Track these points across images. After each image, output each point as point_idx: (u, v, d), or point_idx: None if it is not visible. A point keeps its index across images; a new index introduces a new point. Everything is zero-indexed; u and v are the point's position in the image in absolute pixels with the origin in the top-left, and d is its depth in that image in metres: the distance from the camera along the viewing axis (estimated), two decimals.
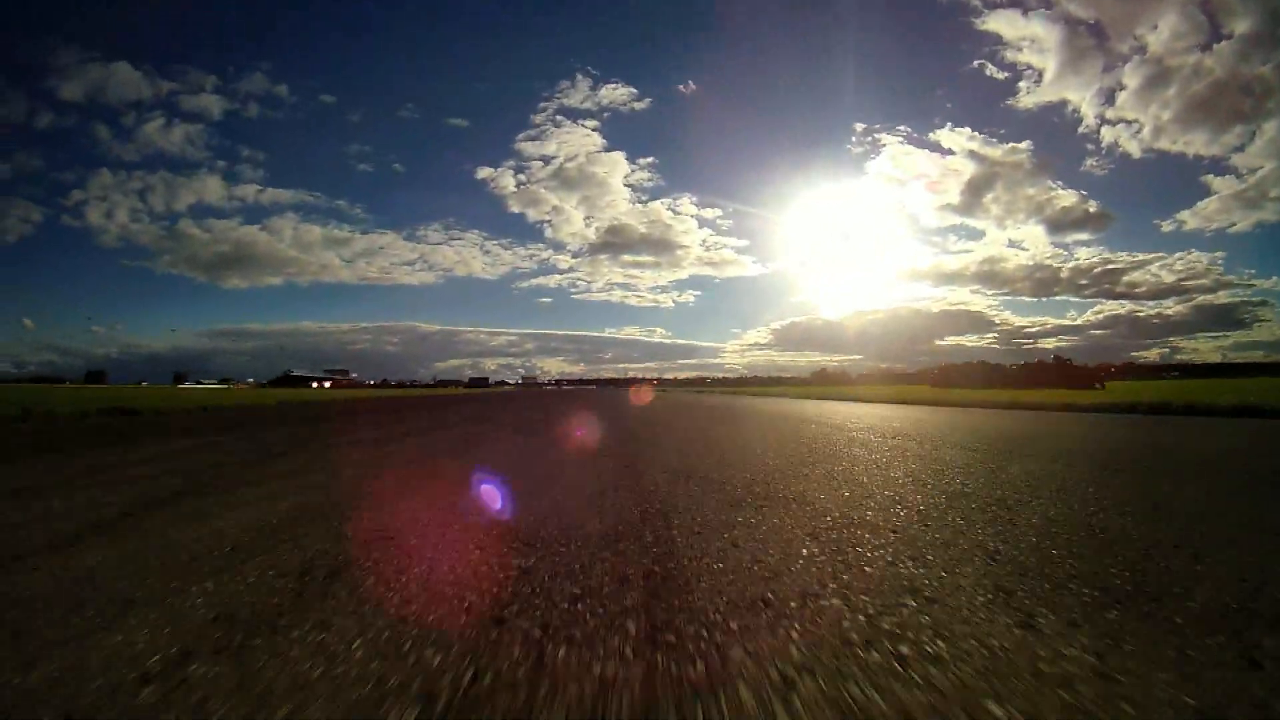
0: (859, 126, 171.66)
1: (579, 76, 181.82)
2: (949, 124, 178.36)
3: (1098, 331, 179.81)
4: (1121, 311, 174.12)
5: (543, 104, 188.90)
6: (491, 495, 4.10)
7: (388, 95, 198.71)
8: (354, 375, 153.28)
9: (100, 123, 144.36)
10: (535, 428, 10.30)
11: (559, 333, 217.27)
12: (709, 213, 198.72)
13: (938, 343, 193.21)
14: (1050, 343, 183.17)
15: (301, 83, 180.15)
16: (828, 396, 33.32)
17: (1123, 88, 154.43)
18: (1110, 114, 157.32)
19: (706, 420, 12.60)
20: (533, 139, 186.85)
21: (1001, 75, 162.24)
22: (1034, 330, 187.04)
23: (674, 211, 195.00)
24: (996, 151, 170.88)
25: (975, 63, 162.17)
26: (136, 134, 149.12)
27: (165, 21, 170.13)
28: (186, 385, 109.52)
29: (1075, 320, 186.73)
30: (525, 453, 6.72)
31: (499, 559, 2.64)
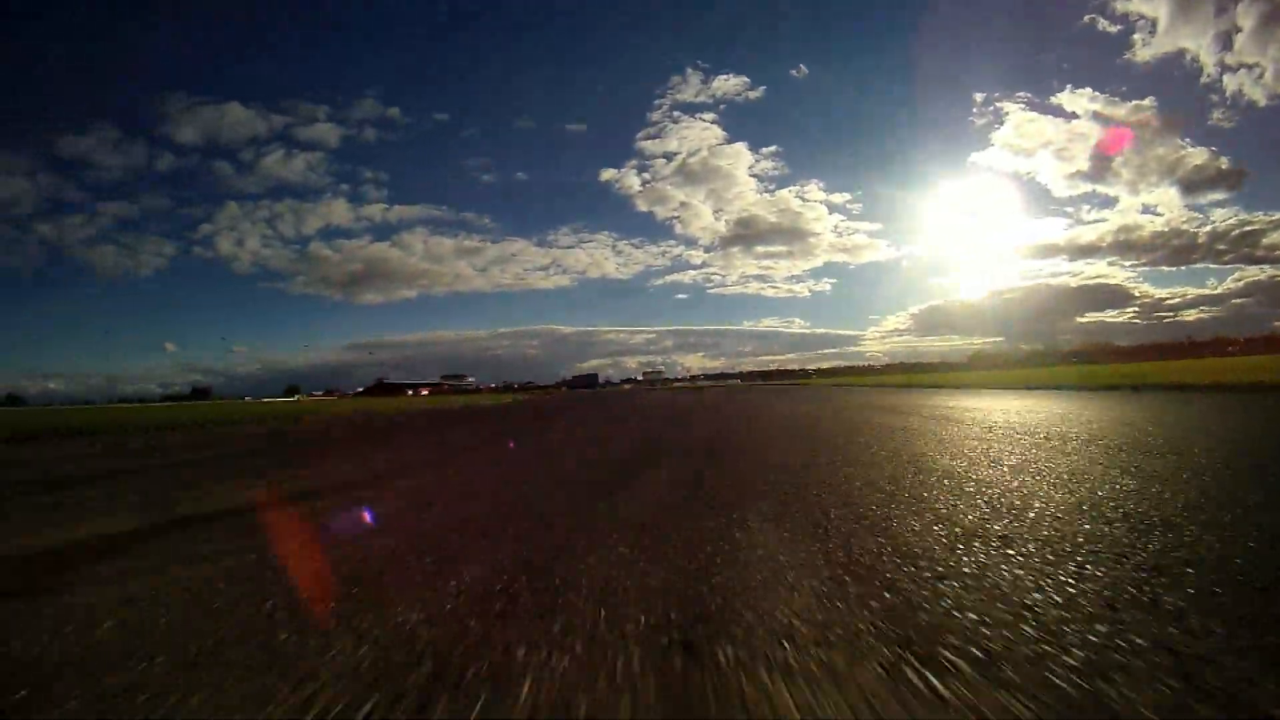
0: (978, 96, 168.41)
1: (689, 71, 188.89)
2: (1068, 86, 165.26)
3: (1239, 300, 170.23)
4: (1262, 277, 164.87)
5: (658, 101, 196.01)
6: None
7: (501, 108, 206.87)
8: (471, 379, 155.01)
9: (220, 160, 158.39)
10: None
11: (697, 328, 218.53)
12: (837, 197, 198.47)
13: (1078, 320, 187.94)
14: (1191, 315, 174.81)
15: (412, 104, 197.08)
16: (1006, 386, 27.82)
17: (1239, 30, 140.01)
18: (1230, 59, 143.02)
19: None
20: (652, 137, 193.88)
21: (1114, 29, 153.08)
22: (1174, 302, 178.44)
23: (802, 199, 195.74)
24: (1120, 110, 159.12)
25: (1085, 18, 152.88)
26: (257, 167, 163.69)
27: (266, 61, 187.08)
28: (297, 398, 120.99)
29: (1215, 289, 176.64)
30: None
31: None
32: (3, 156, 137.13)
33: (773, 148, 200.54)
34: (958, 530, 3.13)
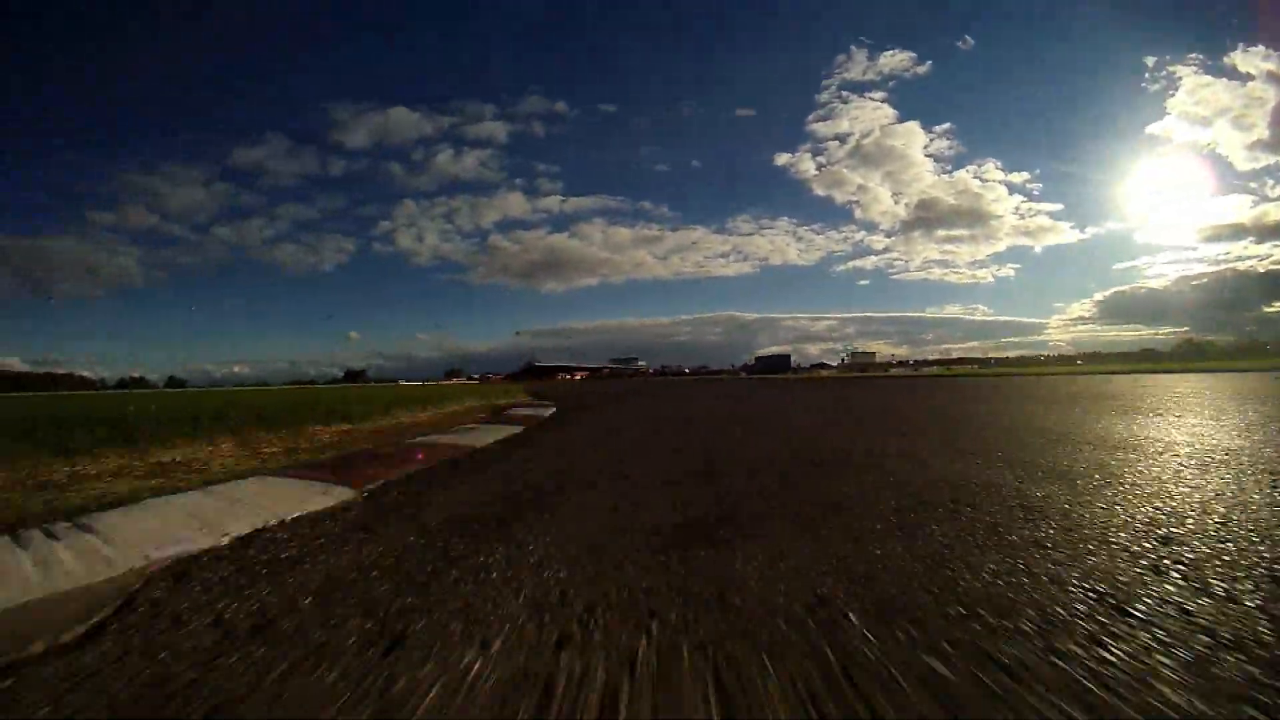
0: (1149, 60, 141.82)
1: (853, 48, 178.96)
2: (1240, 44, 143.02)
3: None
4: None
5: (825, 81, 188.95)
6: None
7: (667, 96, 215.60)
8: (641, 364, 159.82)
9: (391, 161, 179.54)
10: None
11: (879, 315, 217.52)
12: (1016, 177, 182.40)
13: (1265, 309, 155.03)
14: None
15: (578, 97, 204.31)
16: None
17: None
18: None
19: None
20: (823, 119, 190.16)
21: None
22: None
23: (980, 179, 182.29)
24: None
25: None
26: (429, 166, 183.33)
27: (426, 65, 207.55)
28: (455, 381, 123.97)
29: None
30: None
31: None
32: (179, 169, 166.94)
33: (945, 125, 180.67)
34: None
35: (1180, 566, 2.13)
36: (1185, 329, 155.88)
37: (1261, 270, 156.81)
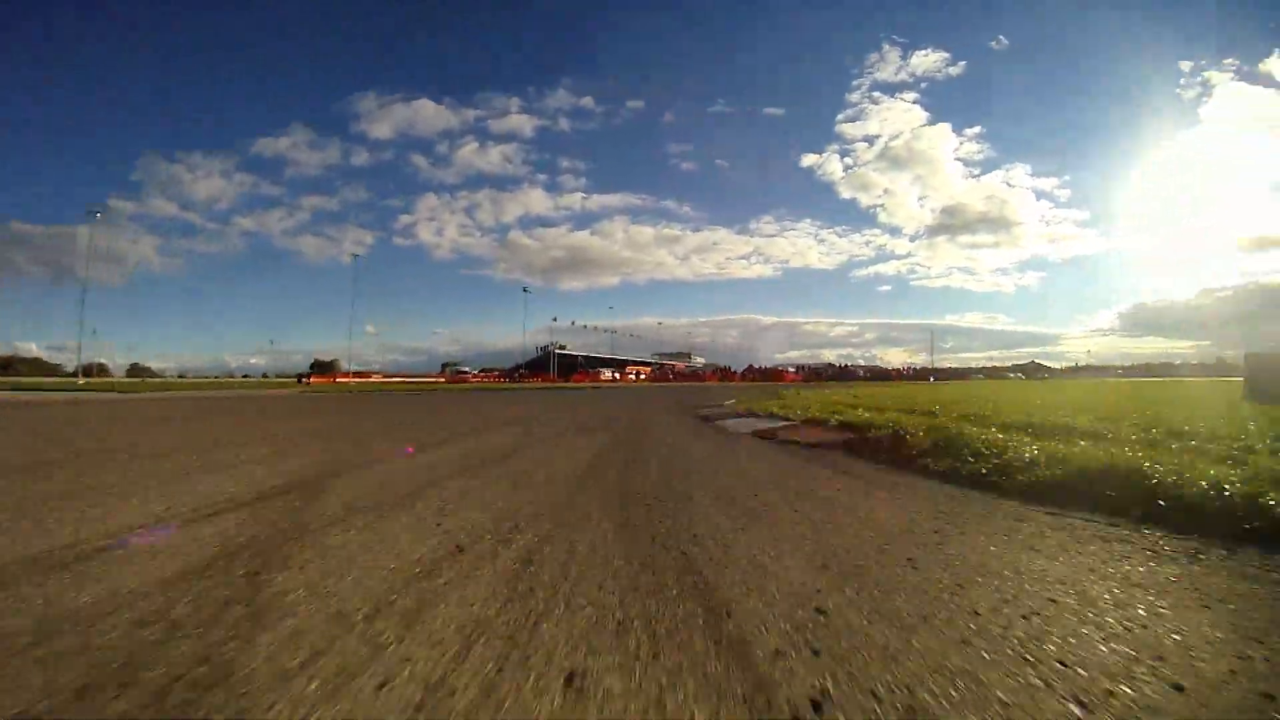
0: (1184, 65, 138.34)
1: (886, 47, 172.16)
2: (1275, 49, 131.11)
3: None
4: None
5: (855, 81, 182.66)
6: None
7: (696, 94, 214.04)
8: (700, 361, 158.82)
9: (415, 153, 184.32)
10: None
11: (899, 321, 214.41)
12: (1045, 183, 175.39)
13: None
14: None
15: (606, 92, 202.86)
16: None
17: None
18: None
19: None
20: (852, 120, 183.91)
21: None
22: None
23: (1009, 184, 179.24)
24: None
25: None
26: (453, 159, 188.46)
27: (453, 57, 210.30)
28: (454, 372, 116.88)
29: None
30: None
31: None
32: (200, 158, 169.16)
33: (976, 128, 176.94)
34: None
35: None
36: (1208, 343, 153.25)
37: None
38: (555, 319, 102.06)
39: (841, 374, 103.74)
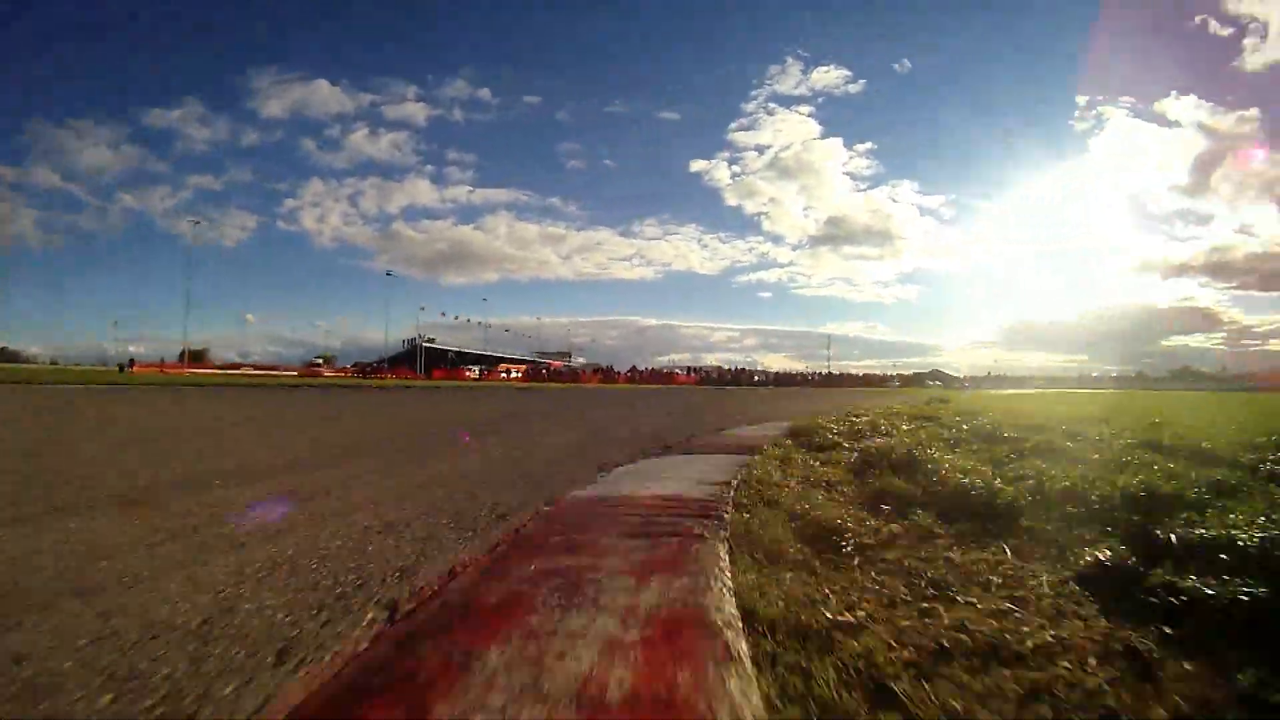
0: (1080, 100, 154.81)
1: (789, 60, 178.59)
2: (1173, 92, 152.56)
3: None
4: None
5: (754, 91, 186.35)
6: None
7: (594, 92, 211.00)
8: (580, 361, 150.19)
9: (306, 136, 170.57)
10: None
11: (779, 328, 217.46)
12: (930, 200, 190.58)
13: (1163, 343, 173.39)
14: (1278, 344, 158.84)
15: (504, 85, 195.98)
16: None
17: None
18: None
19: None
20: (746, 129, 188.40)
21: (1225, 31, 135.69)
22: (1263, 329, 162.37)
23: (894, 200, 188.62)
24: (1224, 122, 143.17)
25: (1197, 19, 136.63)
26: (343, 144, 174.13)
27: (355, 39, 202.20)
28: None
29: None
30: None
31: None
32: (86, 126, 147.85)
33: (868, 145, 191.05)
34: None
35: None
36: (1085, 358, 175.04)
37: (1163, 306, 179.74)
38: (423, 307, 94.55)
39: (736, 378, 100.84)
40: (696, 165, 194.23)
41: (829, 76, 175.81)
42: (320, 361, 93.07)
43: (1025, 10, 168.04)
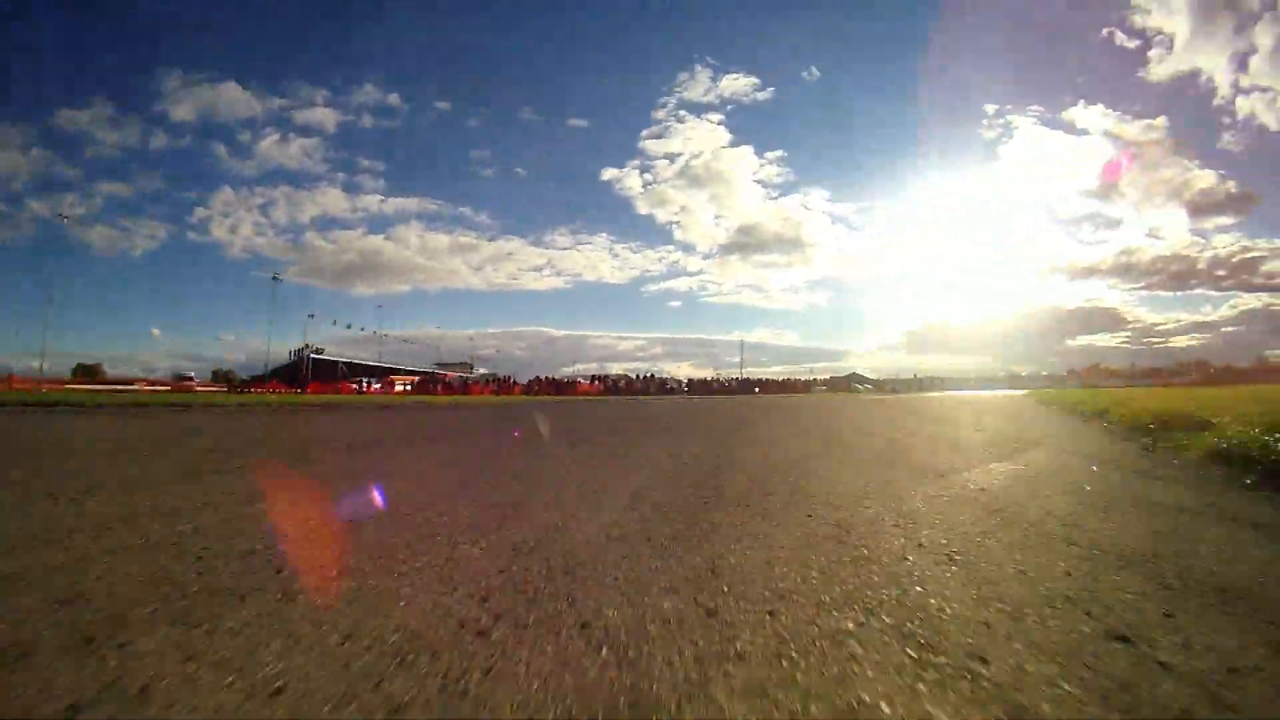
0: (989, 108, 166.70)
1: (698, 68, 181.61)
2: (1081, 101, 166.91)
3: (1231, 329, 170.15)
4: (1258, 305, 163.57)
5: (663, 99, 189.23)
6: None
7: (505, 99, 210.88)
8: (482, 371, 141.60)
9: (216, 141, 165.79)
10: None
11: (688, 336, 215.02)
12: (841, 208, 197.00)
13: (1069, 343, 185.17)
14: (1182, 341, 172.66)
15: (414, 91, 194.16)
16: None
17: (1255, 50, 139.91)
18: (1244, 82, 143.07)
19: None
20: (656, 136, 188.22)
21: (1132, 44, 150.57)
22: (1167, 328, 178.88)
23: (805, 208, 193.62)
24: (1131, 129, 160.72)
25: (1104, 31, 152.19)
26: (254, 150, 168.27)
27: (267, 41, 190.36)
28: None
29: (1210, 316, 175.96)
30: None
31: None
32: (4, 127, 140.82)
33: (778, 153, 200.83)
34: None
35: None
36: (989, 359, 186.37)
37: (1069, 307, 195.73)
38: (312, 315, 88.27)
39: (646, 387, 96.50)
40: (608, 174, 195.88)
41: (738, 84, 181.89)
42: (192, 376, 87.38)
43: (934, 20, 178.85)
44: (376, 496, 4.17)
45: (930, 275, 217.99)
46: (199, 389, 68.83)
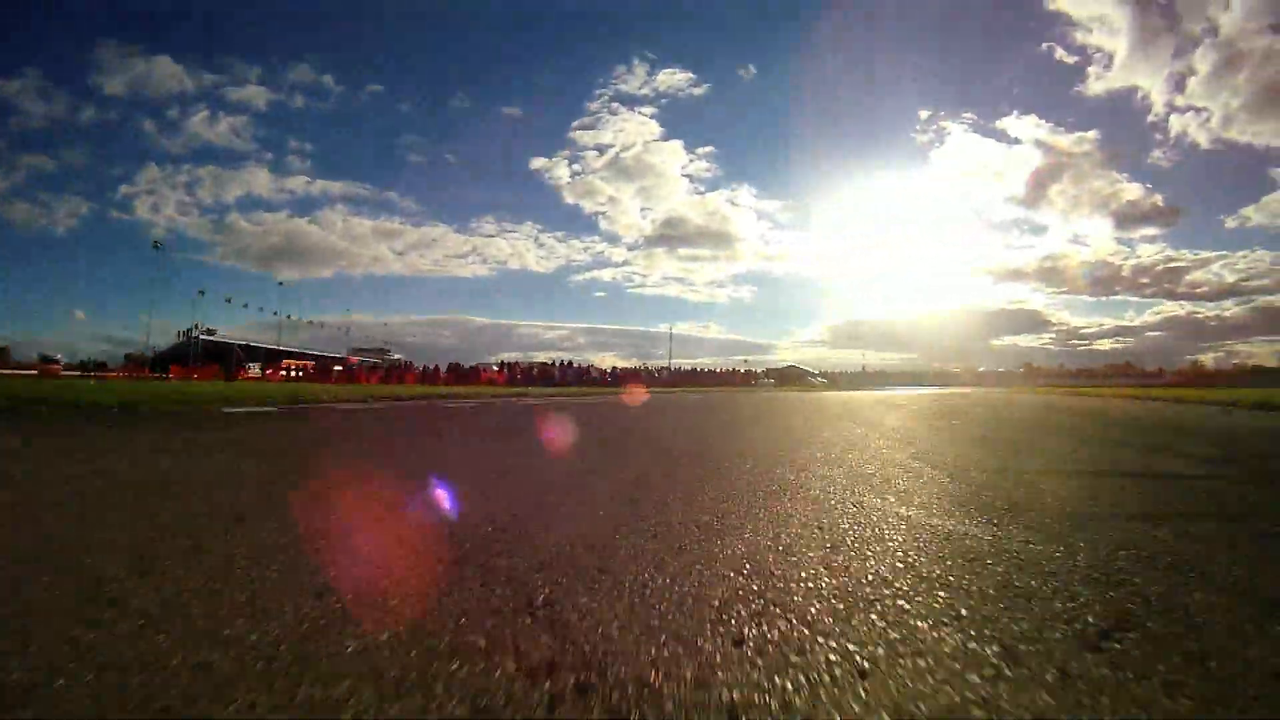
0: (923, 113, 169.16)
1: (636, 61, 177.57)
2: (1015, 111, 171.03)
3: (1154, 334, 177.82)
4: (1180, 313, 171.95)
5: (599, 91, 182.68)
6: None
7: (438, 84, 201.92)
8: (398, 357, 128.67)
9: (145, 117, 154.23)
10: None
11: (613, 327, 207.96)
12: (768, 205, 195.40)
13: (993, 342, 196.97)
14: (1105, 344, 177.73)
15: (347, 72, 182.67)
16: None
17: (1194, 73, 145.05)
18: (1180, 101, 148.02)
19: None
20: (588, 127, 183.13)
21: (1071, 59, 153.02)
22: (1091, 331, 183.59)
23: (733, 203, 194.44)
24: (1063, 141, 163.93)
25: (1044, 45, 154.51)
26: (182, 127, 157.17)
27: (206, 14, 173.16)
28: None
29: (1133, 321, 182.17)
30: None
31: None
32: None
33: (708, 148, 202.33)
34: None
35: None
36: (914, 355, 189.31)
37: (993, 309, 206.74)
38: (202, 292, 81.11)
39: (564, 375, 77.69)
40: (537, 163, 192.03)
41: (674, 79, 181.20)
42: (58, 358, 78.66)
43: (871, 24, 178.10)
44: None
45: (857, 273, 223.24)
46: (63, 373, 60.74)
